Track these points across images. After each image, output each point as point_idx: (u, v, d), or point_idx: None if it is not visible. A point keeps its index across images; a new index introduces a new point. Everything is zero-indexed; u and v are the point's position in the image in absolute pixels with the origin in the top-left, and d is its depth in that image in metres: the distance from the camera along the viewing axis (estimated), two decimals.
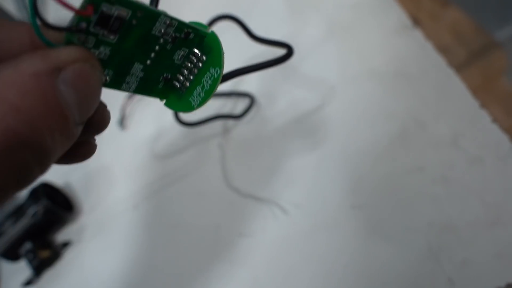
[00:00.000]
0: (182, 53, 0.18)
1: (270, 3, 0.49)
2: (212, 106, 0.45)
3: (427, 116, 0.37)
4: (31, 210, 0.42)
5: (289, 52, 0.29)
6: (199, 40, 0.19)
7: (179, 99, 0.20)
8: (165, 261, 0.39)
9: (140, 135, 0.47)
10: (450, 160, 0.34)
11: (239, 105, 0.44)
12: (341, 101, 0.40)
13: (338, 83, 0.41)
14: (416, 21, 0.41)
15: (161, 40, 0.17)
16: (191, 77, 0.19)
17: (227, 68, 0.24)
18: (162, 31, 0.17)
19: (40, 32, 0.13)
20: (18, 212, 0.43)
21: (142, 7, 0.15)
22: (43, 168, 0.13)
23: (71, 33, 0.14)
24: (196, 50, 0.19)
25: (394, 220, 0.34)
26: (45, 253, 0.43)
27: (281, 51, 0.29)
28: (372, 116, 0.38)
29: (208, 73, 0.19)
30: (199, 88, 0.19)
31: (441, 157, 0.35)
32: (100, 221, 0.44)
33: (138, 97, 0.48)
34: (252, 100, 0.43)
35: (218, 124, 0.44)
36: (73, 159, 0.17)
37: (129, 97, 0.48)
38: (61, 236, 0.45)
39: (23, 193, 0.45)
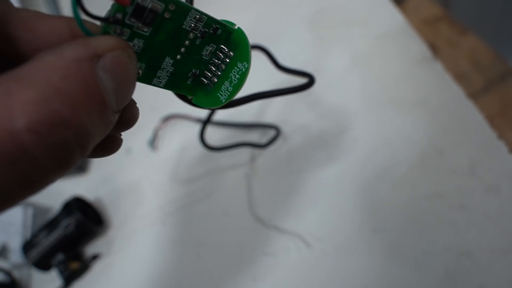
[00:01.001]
0: (210, 48, 0.19)
1: (297, 32, 0.51)
2: (237, 135, 0.47)
3: (446, 145, 0.38)
4: (64, 223, 0.44)
5: (310, 81, 0.30)
6: (226, 36, 0.19)
7: (206, 95, 0.20)
8: (190, 275, 0.41)
9: (170, 157, 0.49)
10: (467, 188, 0.36)
11: (266, 134, 0.46)
12: (363, 129, 0.42)
13: (360, 111, 0.43)
14: (435, 49, 0.43)
15: (191, 35, 0.18)
16: (219, 73, 0.20)
17: (250, 92, 0.25)
18: (192, 25, 0.17)
19: (81, 21, 0.14)
20: (52, 224, 0.45)
21: (174, 0, 0.16)
22: (83, 151, 0.14)
23: (108, 24, 0.15)
24: (223, 46, 0.19)
25: (412, 244, 0.35)
26: (75, 265, 0.45)
27: (304, 80, 0.31)
28: (392, 143, 0.40)
29: (235, 68, 0.19)
30: (227, 83, 0.20)
31: (459, 185, 0.36)
32: (128, 235, 0.46)
33: (172, 121, 0.51)
34: (277, 131, 0.44)
35: (245, 153, 0.45)
36: (101, 152, 0.18)
37: (164, 120, 0.50)
38: (90, 249, 0.47)
39: (57, 207, 0.47)
